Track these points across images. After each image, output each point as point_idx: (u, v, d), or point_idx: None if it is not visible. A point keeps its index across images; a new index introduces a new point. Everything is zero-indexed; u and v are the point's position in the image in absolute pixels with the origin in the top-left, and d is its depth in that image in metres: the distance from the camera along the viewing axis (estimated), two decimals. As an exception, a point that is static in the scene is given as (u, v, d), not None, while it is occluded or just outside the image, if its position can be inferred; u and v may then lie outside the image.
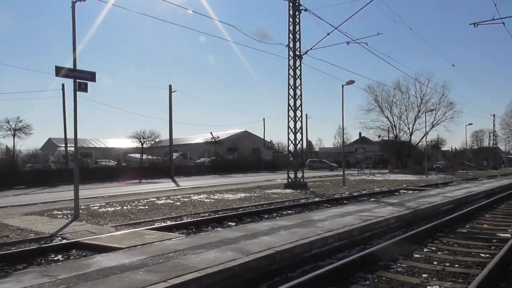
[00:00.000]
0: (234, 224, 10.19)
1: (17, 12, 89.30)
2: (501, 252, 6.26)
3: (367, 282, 5.44)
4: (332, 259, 6.56)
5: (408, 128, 58.97)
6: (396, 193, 18.62)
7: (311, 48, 20.95)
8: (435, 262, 6.38)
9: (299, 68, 20.95)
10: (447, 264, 6.24)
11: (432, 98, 57.78)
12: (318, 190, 20.02)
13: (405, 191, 19.63)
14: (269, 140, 63.48)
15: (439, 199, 13.71)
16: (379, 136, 64.24)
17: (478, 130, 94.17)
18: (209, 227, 9.81)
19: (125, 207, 13.18)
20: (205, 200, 15.36)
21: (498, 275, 5.52)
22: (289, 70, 20.97)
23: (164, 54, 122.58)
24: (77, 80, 11.31)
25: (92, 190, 21.64)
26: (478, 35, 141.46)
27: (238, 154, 55.63)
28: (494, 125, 73.05)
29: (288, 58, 20.93)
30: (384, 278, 5.56)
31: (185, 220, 10.70)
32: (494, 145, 79.38)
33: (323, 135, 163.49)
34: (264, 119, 60.50)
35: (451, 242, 7.89)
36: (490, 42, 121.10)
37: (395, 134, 59.49)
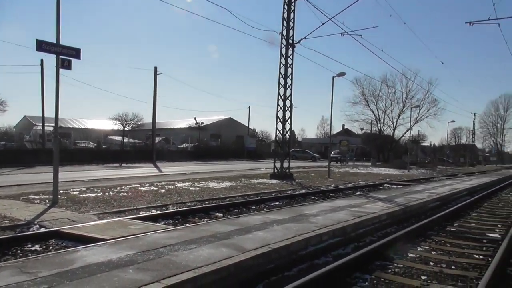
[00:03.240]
0: (221, 215, 9.90)
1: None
2: (497, 256, 6.17)
3: (366, 283, 5.25)
4: (328, 257, 6.37)
5: (392, 123, 59.50)
6: (381, 188, 18.62)
7: (304, 37, 20.58)
8: (431, 263, 6.26)
9: (291, 57, 20.57)
10: (443, 266, 6.13)
11: (417, 94, 58.37)
12: (304, 182, 19.87)
13: (390, 186, 19.66)
14: (252, 128, 63.19)
15: (426, 196, 13.69)
16: (362, 129, 64.68)
17: (457, 128, 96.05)
18: (196, 218, 9.50)
19: (107, 193, 12.70)
20: (190, 188, 14.98)
21: (497, 279, 5.41)
22: (281, 58, 20.57)
23: (150, 35, 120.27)
24: (60, 57, 10.61)
25: (71, 173, 21.02)
26: (472, 34, 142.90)
27: (222, 141, 55.20)
28: (474, 124, 74.38)
29: (281, 46, 20.53)
30: (382, 280, 5.39)
31: (170, 210, 10.32)
32: (472, 143, 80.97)
33: (305, 125, 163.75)
34: (249, 106, 59.92)
35: (443, 242, 7.82)
36: (482, 42, 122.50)
37: (379, 128, 59.95)
